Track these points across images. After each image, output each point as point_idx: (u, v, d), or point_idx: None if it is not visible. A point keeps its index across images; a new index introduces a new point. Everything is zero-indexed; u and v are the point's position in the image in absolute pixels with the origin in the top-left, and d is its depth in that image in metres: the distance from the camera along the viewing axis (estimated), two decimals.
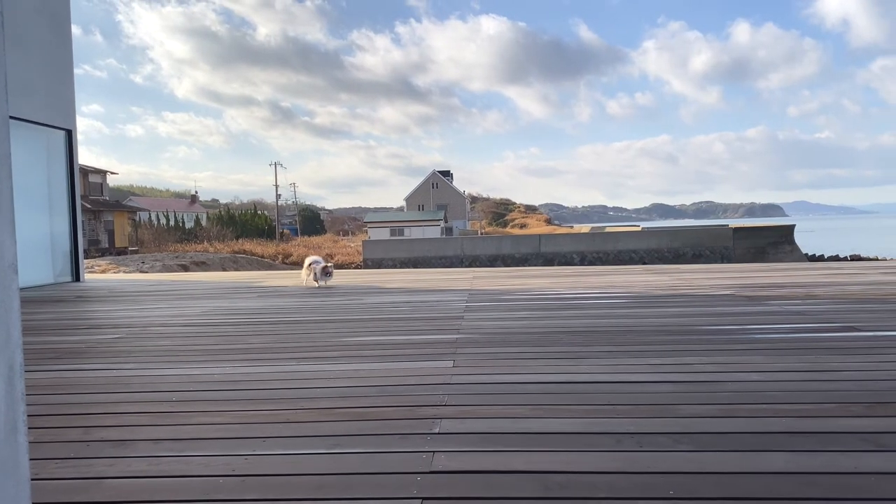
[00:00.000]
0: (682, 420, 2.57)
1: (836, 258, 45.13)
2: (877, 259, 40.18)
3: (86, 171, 47.09)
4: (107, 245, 46.20)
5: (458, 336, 4.56)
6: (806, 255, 41.66)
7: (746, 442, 2.31)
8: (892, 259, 39.26)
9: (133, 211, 54.58)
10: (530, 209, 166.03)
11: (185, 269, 30.24)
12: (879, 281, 7.63)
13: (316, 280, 8.94)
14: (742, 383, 3.11)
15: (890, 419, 2.52)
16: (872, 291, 6.63)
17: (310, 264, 9.10)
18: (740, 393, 2.93)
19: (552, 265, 33.88)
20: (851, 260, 42.33)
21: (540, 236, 42.26)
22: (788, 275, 8.85)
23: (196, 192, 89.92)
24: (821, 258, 44.64)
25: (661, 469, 2.09)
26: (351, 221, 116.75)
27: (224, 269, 32.45)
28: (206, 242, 49.63)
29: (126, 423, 2.72)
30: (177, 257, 35.37)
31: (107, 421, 2.74)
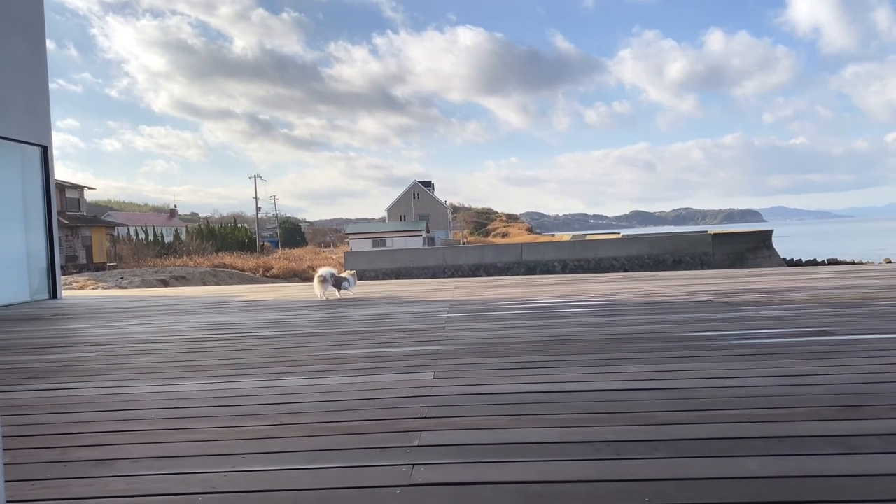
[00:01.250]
0: (659, 427, 2.61)
1: (813, 262, 45.74)
2: (853, 263, 40.75)
3: (62, 187, 46.61)
4: (85, 261, 45.69)
5: (438, 347, 4.57)
6: (784, 259, 42.20)
7: (721, 447, 2.35)
8: (868, 262, 39.85)
9: (111, 226, 54.05)
10: (512, 218, 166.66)
11: (165, 283, 30.00)
12: (854, 285, 7.76)
13: (339, 292, 8.90)
14: (718, 389, 3.15)
15: (860, 422, 2.57)
16: (847, 295, 6.74)
17: (322, 276, 8.90)
18: (716, 399, 2.98)
19: (534, 274, 33.99)
20: (829, 264, 42.91)
21: (522, 245, 42.44)
22: (765, 280, 8.97)
23: (175, 206, 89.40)
24: (799, 262, 45.21)
25: (637, 476, 2.12)
26: (332, 233, 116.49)
27: (204, 284, 32.22)
28: (185, 257, 49.28)
29: (104, 442, 2.70)
30: (156, 272, 35.08)
31: (84, 441, 2.73)
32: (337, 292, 8.94)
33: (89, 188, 52.14)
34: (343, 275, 9.02)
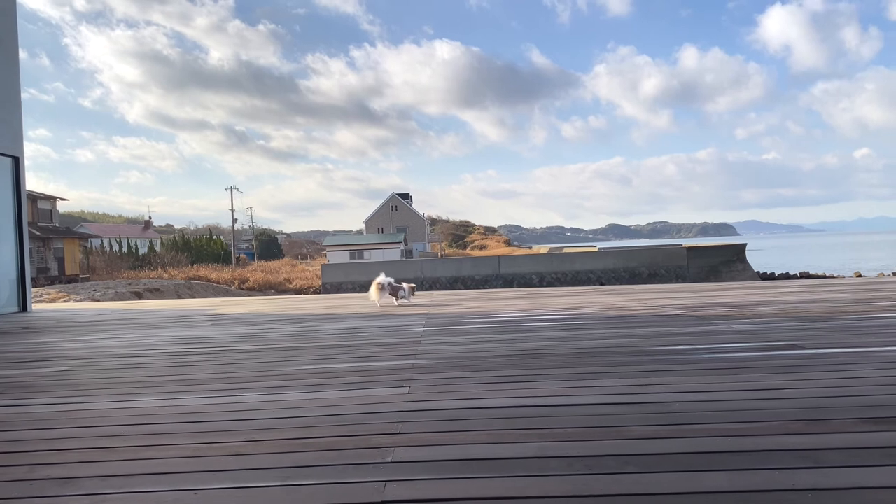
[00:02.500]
0: (630, 442, 2.63)
1: (786, 275, 46.42)
2: (825, 276, 41.45)
3: (34, 198, 45.91)
4: (57, 273, 44.97)
5: (414, 362, 4.57)
6: (758, 272, 42.78)
7: (690, 462, 2.37)
8: (839, 276, 40.55)
9: (84, 237, 53.31)
10: (490, 231, 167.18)
11: (139, 296, 29.62)
12: (823, 299, 7.89)
13: (396, 300, 9.08)
14: (689, 403, 3.19)
15: (826, 436, 2.62)
16: (816, 309, 6.86)
17: (380, 283, 9.06)
18: (687, 413, 3.01)
19: (512, 286, 34.09)
20: (801, 277, 43.59)
21: (499, 258, 42.55)
22: (737, 294, 9.09)
23: (150, 218, 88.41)
24: (772, 276, 45.85)
25: (608, 492, 2.14)
26: (309, 245, 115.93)
27: (179, 296, 31.86)
28: (160, 269, 48.73)
29: (72, 459, 2.66)
30: (130, 284, 34.64)
31: (52, 458, 2.68)
32: (394, 300, 9.14)
33: (62, 199, 51.41)
34: (402, 284, 9.24)
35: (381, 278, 9.14)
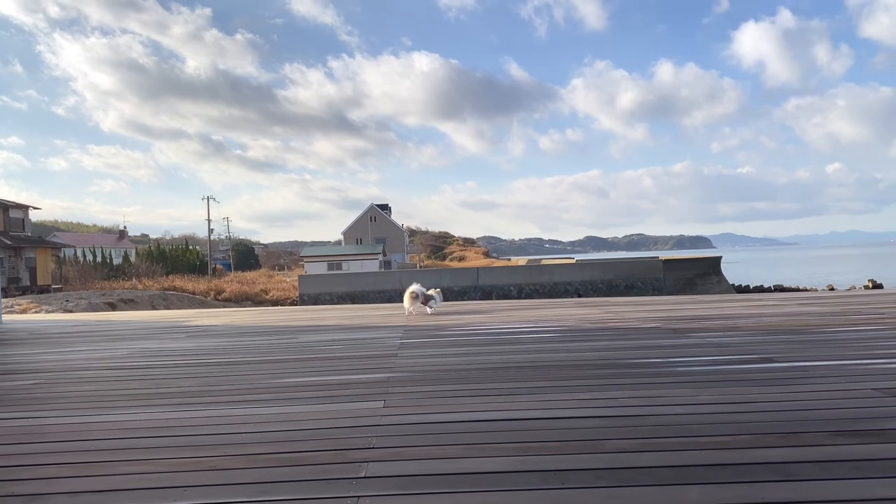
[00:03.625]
0: (605, 455, 2.64)
1: (761, 288, 47.01)
2: (798, 289, 42.02)
3: (6, 206, 45.19)
4: (28, 283, 44.21)
5: (390, 375, 4.56)
6: (733, 285, 43.25)
7: (664, 476, 2.39)
8: (812, 289, 41.12)
9: (57, 247, 52.52)
10: (469, 242, 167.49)
11: (113, 307, 29.21)
12: (796, 312, 8.00)
13: (428, 308, 9.43)
14: (663, 416, 3.21)
15: (799, 449, 2.65)
16: (789, 322, 6.95)
17: (413, 292, 9.39)
18: (661, 426, 3.03)
19: (490, 298, 34.12)
20: (776, 290, 44.18)
21: (478, 269, 42.62)
22: (712, 307, 9.18)
23: (125, 227, 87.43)
24: (747, 288, 46.41)
25: None
26: (287, 256, 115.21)
27: (153, 307, 31.48)
28: (134, 279, 48.12)
29: (42, 475, 2.61)
30: (103, 295, 34.15)
31: (21, 474, 2.63)
32: (427, 309, 9.47)
33: (34, 208, 50.58)
34: (430, 293, 9.62)
35: (415, 287, 9.52)
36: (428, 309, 9.48)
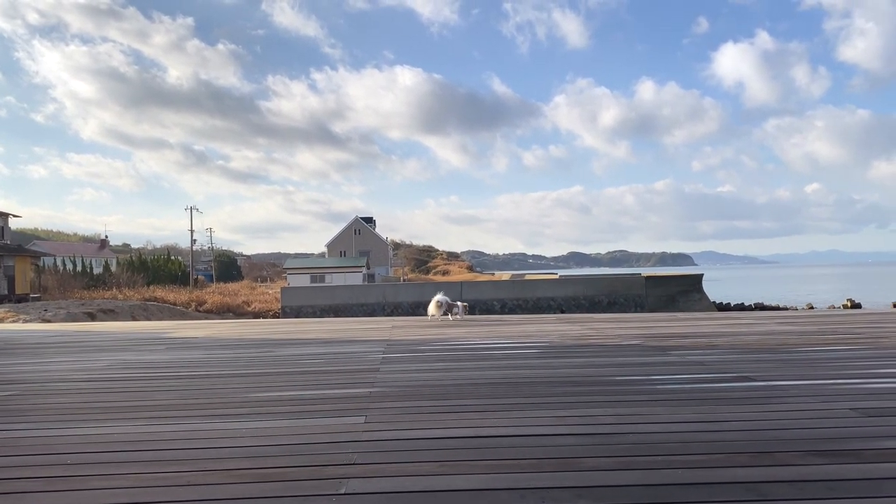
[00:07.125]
0: (583, 473, 2.66)
1: (742, 306, 47.39)
2: (778, 308, 42.43)
3: None
4: (6, 292, 43.57)
5: (372, 390, 4.55)
6: (714, 303, 43.56)
7: (640, 494, 2.41)
8: (792, 307, 41.49)
9: (37, 256, 51.85)
10: (452, 256, 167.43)
11: (92, 317, 28.86)
12: (774, 331, 8.09)
13: (451, 316, 10.18)
14: (641, 434, 3.24)
15: (772, 468, 2.68)
16: (767, 341, 7.02)
17: (439, 301, 10.18)
18: (639, 445, 3.06)
19: (473, 312, 34.12)
20: (756, 308, 44.53)
21: (462, 283, 42.61)
22: (693, 324, 9.26)
23: (106, 237, 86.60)
24: (728, 306, 46.75)
25: None
26: (270, 267, 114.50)
27: (134, 318, 31.14)
28: (115, 289, 47.59)
29: (14, 489, 2.58)
30: (83, 305, 33.76)
31: None
32: (450, 316, 10.23)
33: (14, 216, 49.96)
34: (457, 303, 10.48)
35: (440, 296, 10.30)
36: (451, 317, 10.11)
